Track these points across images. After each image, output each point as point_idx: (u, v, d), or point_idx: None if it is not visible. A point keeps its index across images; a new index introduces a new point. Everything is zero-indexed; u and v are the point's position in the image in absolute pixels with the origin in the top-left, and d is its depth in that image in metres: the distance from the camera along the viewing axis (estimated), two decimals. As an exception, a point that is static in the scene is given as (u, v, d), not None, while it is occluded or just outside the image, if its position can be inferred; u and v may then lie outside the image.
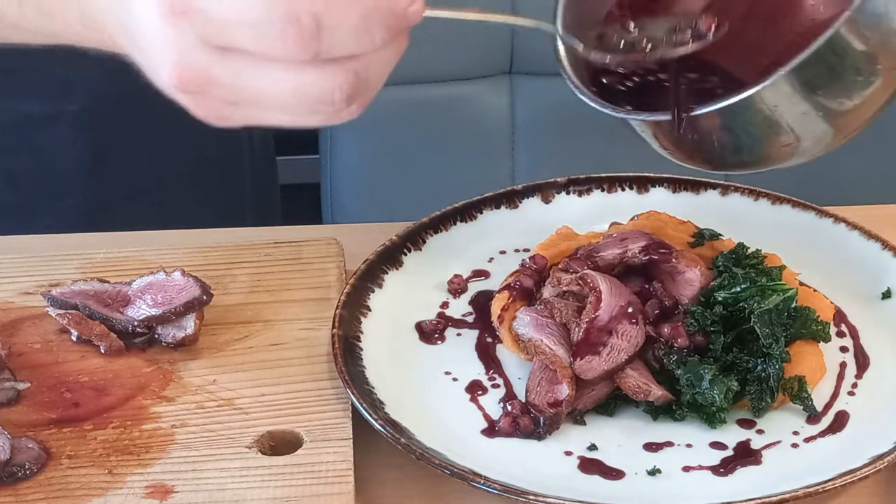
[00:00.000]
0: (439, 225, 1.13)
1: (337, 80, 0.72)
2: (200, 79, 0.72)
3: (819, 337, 0.99)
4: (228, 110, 0.74)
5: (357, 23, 0.71)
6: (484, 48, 1.64)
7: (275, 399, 0.95)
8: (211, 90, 0.73)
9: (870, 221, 1.11)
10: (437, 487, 0.90)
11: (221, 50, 0.71)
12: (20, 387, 0.95)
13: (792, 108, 0.83)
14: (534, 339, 0.98)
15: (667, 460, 0.92)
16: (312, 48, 0.70)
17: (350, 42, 0.72)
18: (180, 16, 0.71)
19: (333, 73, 0.72)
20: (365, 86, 0.74)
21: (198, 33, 0.71)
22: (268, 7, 0.70)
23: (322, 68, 0.72)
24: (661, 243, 1.03)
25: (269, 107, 0.74)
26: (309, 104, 0.73)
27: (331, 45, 0.71)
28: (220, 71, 0.72)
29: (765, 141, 0.87)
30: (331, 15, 0.70)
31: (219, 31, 0.70)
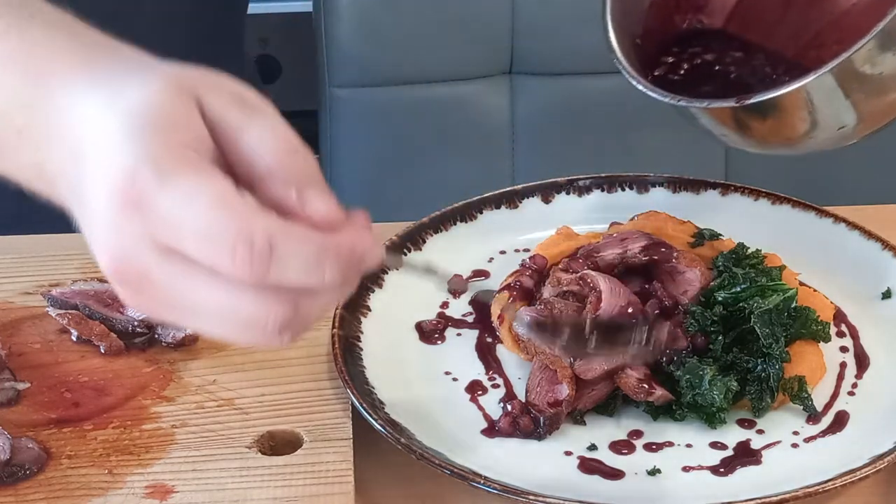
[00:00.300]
0: (439, 225, 1.13)
1: (273, 309, 0.68)
2: (137, 274, 0.68)
3: (819, 337, 0.99)
4: (160, 309, 0.71)
5: (311, 257, 0.67)
6: (484, 48, 1.64)
7: (275, 399, 0.95)
8: (145, 288, 0.69)
9: (870, 221, 1.11)
10: (437, 487, 0.90)
11: (165, 250, 0.67)
12: (20, 387, 0.95)
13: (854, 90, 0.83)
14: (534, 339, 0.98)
15: (667, 460, 0.92)
16: (259, 272, 0.66)
17: (299, 274, 0.67)
18: (132, 206, 0.66)
19: (272, 301, 0.68)
20: (300, 320, 0.70)
21: (146, 229, 0.67)
22: (223, 220, 0.66)
23: (262, 293, 0.68)
24: (661, 243, 1.04)
25: (201, 317, 0.70)
26: (241, 324, 0.69)
27: (279, 273, 0.67)
28: (158, 272, 0.68)
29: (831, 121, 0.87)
30: (287, 243, 0.66)
31: (168, 232, 0.67)
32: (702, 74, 0.94)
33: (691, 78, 0.94)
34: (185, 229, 0.66)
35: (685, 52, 0.97)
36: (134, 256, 0.68)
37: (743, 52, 0.95)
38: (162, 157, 0.67)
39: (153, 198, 0.66)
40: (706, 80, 0.93)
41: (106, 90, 0.71)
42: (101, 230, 0.69)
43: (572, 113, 1.67)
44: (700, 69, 0.94)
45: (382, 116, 1.66)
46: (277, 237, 0.66)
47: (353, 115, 1.65)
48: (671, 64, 0.95)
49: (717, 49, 0.96)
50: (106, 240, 0.68)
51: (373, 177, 1.67)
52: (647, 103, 1.76)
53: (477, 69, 1.65)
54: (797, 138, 0.89)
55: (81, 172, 0.70)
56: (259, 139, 0.70)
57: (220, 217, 0.66)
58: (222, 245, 0.65)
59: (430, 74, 1.64)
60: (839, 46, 0.82)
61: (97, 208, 0.68)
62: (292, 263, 0.66)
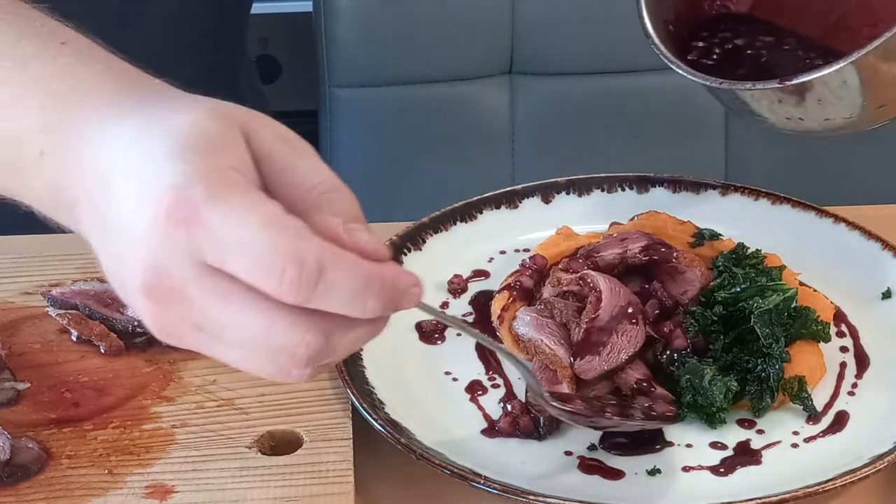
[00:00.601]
0: (439, 225, 1.13)
1: (307, 337, 0.68)
2: (171, 289, 0.67)
3: (819, 337, 0.99)
4: (186, 331, 0.69)
5: (357, 284, 0.67)
6: (484, 48, 1.64)
7: (275, 399, 0.95)
8: (176, 305, 0.68)
9: (870, 221, 1.11)
10: (437, 487, 0.90)
11: (206, 268, 0.67)
12: (20, 387, 0.95)
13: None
14: (534, 339, 0.98)
15: (667, 460, 0.92)
16: (305, 295, 0.66)
17: (342, 302, 0.67)
18: (179, 223, 0.66)
19: (308, 328, 0.67)
20: (327, 353, 0.69)
21: (190, 245, 0.66)
22: (275, 239, 0.65)
23: (299, 319, 0.67)
24: (661, 243, 1.04)
25: (228, 340, 0.69)
26: (270, 350, 0.68)
27: (323, 298, 0.66)
28: (194, 288, 0.67)
29: (872, 99, 0.88)
30: (335, 268, 0.66)
31: (215, 249, 0.66)
32: (734, 58, 0.95)
33: (724, 62, 0.95)
34: (234, 247, 0.65)
35: (715, 37, 0.97)
36: (172, 270, 0.67)
37: (771, 36, 0.96)
38: (212, 176, 0.66)
39: (203, 215, 0.65)
40: (739, 64, 0.94)
41: (140, 118, 0.70)
42: (137, 246, 0.67)
43: (572, 113, 1.67)
44: (732, 53, 0.95)
45: (382, 116, 1.66)
46: (327, 261, 0.66)
47: (353, 115, 1.65)
48: (703, 48, 0.95)
49: (745, 33, 0.96)
50: (141, 254, 0.67)
51: (373, 177, 1.67)
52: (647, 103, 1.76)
53: (477, 69, 1.65)
54: (836, 118, 0.89)
55: (112, 196, 0.69)
56: (305, 175, 0.69)
57: (272, 236, 0.65)
58: (272, 264, 0.65)
59: (430, 74, 1.64)
60: (870, 28, 0.83)
61: (133, 225, 0.67)
62: (338, 290, 0.66)
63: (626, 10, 1.54)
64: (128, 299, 0.71)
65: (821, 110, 0.89)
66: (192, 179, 0.66)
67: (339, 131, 1.66)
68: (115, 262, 0.70)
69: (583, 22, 1.63)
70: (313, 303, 0.66)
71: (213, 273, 0.66)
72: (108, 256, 0.71)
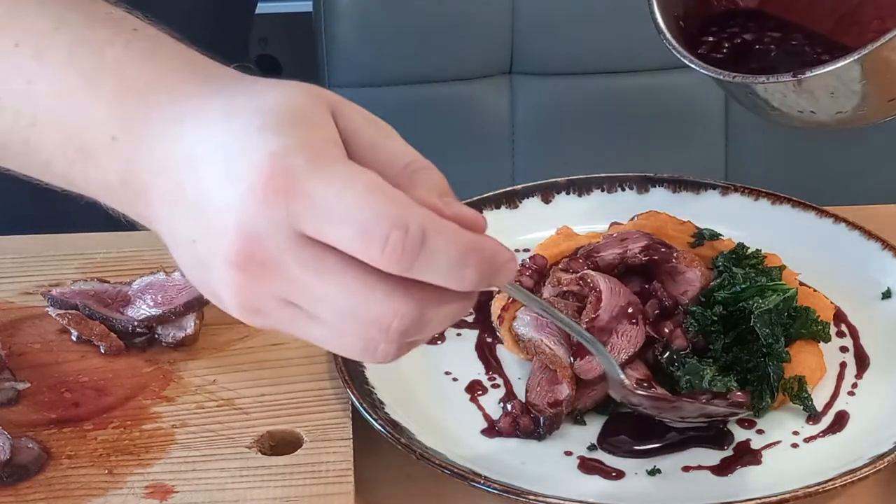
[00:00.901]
0: (439, 225, 1.13)
1: (403, 309, 0.67)
2: (266, 261, 0.66)
3: (819, 337, 0.99)
4: (271, 305, 0.68)
5: (458, 254, 0.66)
6: (484, 48, 1.64)
7: (275, 399, 0.95)
8: (268, 278, 0.67)
9: (870, 221, 1.11)
10: (437, 487, 0.90)
11: (304, 239, 0.66)
12: (20, 387, 0.95)
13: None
14: (534, 339, 0.98)
15: (667, 460, 0.92)
16: (407, 262, 0.65)
17: (441, 271, 0.66)
18: (279, 193, 0.65)
19: (404, 299, 0.66)
20: (419, 329, 0.68)
21: (289, 216, 0.65)
22: (381, 205, 0.64)
23: (396, 290, 0.66)
24: (661, 243, 1.04)
25: (320, 315, 0.68)
26: (362, 323, 0.67)
27: (424, 266, 0.65)
28: (290, 260, 0.66)
29: (883, 93, 0.88)
30: (437, 236, 0.65)
31: (316, 218, 0.65)
32: (743, 53, 0.95)
33: (734, 57, 0.95)
34: (337, 214, 0.64)
35: (724, 32, 0.98)
36: (268, 240, 0.66)
37: (780, 31, 0.96)
38: (310, 147, 0.66)
39: (304, 183, 0.65)
40: (749, 59, 0.95)
41: (225, 99, 0.70)
42: (229, 216, 0.66)
43: (572, 113, 1.67)
44: (741, 48, 0.96)
45: (382, 116, 1.65)
46: (430, 228, 0.65)
47: (353, 115, 1.65)
48: (713, 43, 0.96)
49: (754, 28, 0.97)
50: (240, 223, 0.66)
51: (373, 177, 1.67)
52: (647, 103, 1.76)
53: (477, 69, 1.65)
54: (848, 111, 0.90)
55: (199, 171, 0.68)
56: (395, 153, 0.70)
57: (376, 202, 0.65)
58: (376, 230, 0.64)
59: (430, 74, 1.64)
60: (880, 22, 0.84)
61: (228, 197, 0.66)
62: (439, 258, 0.65)
63: (626, 11, 1.55)
64: (209, 277, 0.69)
65: (833, 103, 0.89)
66: (291, 149, 0.65)
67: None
68: (199, 236, 0.69)
69: (583, 22, 1.63)
70: (414, 270, 0.65)
71: (310, 244, 0.66)
72: (186, 235, 0.70)
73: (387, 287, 0.66)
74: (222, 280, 0.68)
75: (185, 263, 0.71)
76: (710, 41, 0.96)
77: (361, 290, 0.66)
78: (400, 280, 0.66)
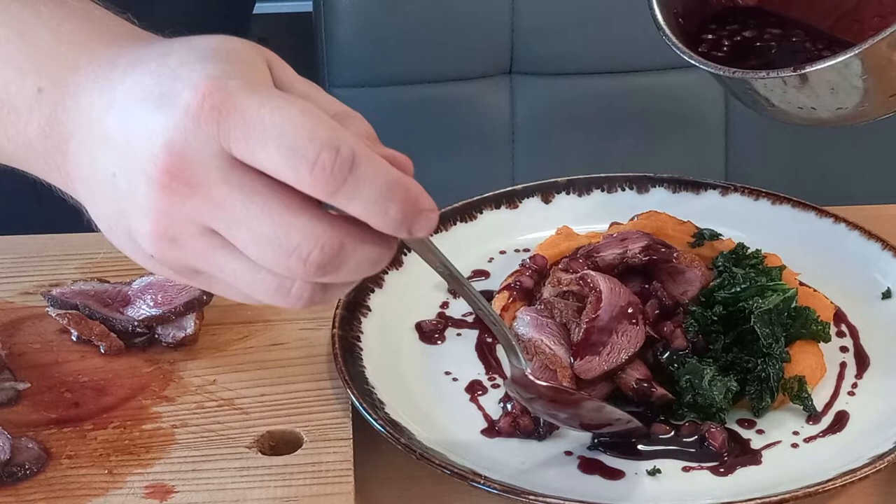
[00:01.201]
0: (439, 225, 1.12)
1: (322, 238, 0.67)
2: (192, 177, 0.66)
3: (819, 337, 0.99)
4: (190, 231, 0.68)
5: (384, 186, 0.66)
6: (484, 48, 1.64)
7: (275, 399, 0.95)
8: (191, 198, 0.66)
9: (870, 221, 1.11)
10: (437, 487, 0.90)
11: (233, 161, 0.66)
12: (20, 387, 0.95)
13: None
14: (534, 339, 0.98)
15: (667, 460, 0.92)
16: (336, 183, 0.65)
17: (366, 201, 0.66)
18: (213, 110, 0.65)
19: (325, 229, 0.67)
20: (336, 266, 0.68)
21: (221, 133, 0.65)
22: (313, 127, 0.65)
23: (319, 219, 0.67)
24: (661, 243, 1.04)
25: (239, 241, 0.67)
26: (281, 251, 0.67)
27: (350, 193, 0.65)
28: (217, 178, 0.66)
29: (884, 88, 0.88)
30: (367, 163, 0.66)
31: (247, 137, 0.65)
32: (744, 50, 0.95)
33: (734, 54, 0.95)
34: (269, 132, 0.65)
35: (724, 30, 0.98)
36: (197, 158, 0.66)
37: (780, 28, 0.96)
38: (247, 75, 0.67)
39: (239, 101, 0.65)
40: (749, 56, 0.95)
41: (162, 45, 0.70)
42: (162, 134, 0.66)
43: (572, 113, 1.67)
44: (741, 45, 0.96)
45: (382, 116, 1.65)
46: (361, 154, 0.66)
47: (353, 115, 1.65)
48: (712, 41, 0.96)
49: (754, 26, 0.97)
50: (168, 142, 0.66)
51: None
52: (647, 103, 1.76)
53: (477, 69, 1.65)
54: (849, 107, 0.89)
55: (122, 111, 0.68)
56: (324, 104, 0.70)
57: (310, 123, 0.65)
58: (307, 149, 0.64)
59: (430, 74, 1.64)
60: (880, 20, 0.83)
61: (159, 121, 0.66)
62: (366, 187, 0.66)
63: (626, 11, 1.55)
64: (126, 213, 0.69)
65: (833, 99, 0.89)
66: (229, 74, 0.66)
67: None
68: (120, 167, 0.68)
69: (583, 22, 1.63)
70: (339, 196, 0.66)
71: (237, 165, 0.66)
72: (106, 171, 0.69)
73: (311, 215, 0.66)
74: (141, 208, 0.68)
75: (103, 211, 0.70)
76: (710, 39, 0.96)
77: (285, 215, 0.66)
78: (324, 213, 0.67)
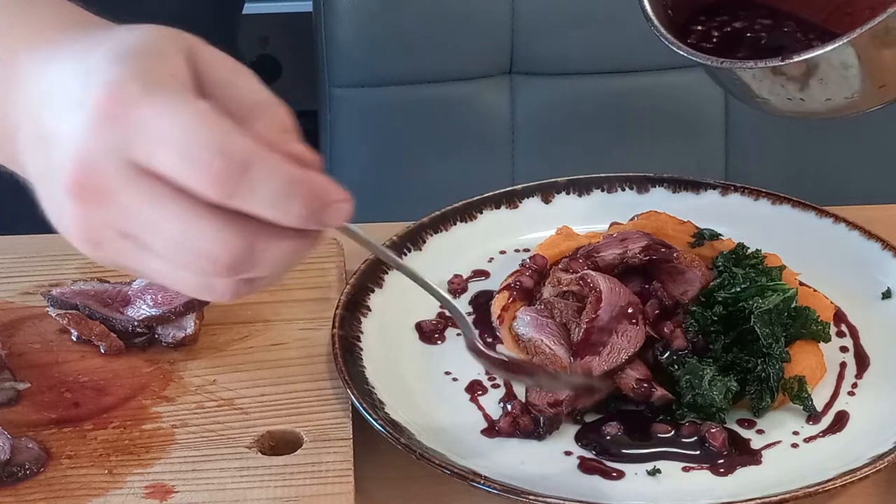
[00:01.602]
0: (439, 225, 1.13)
1: (230, 241, 0.68)
2: (99, 189, 0.68)
3: (819, 337, 0.99)
4: (108, 235, 0.70)
5: (282, 186, 0.67)
6: (484, 48, 1.64)
7: (275, 399, 0.95)
8: (103, 207, 0.68)
9: (870, 221, 1.11)
10: (437, 487, 0.90)
11: (136, 169, 0.67)
12: (20, 387, 0.95)
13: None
14: (534, 338, 0.98)
15: (667, 460, 0.92)
16: (230, 188, 0.66)
17: (266, 201, 0.67)
18: (111, 118, 0.67)
19: (232, 232, 0.68)
20: (251, 265, 0.69)
21: (121, 142, 0.67)
22: (205, 132, 0.66)
23: (225, 222, 0.67)
24: (661, 243, 1.04)
25: (152, 247, 0.69)
26: (193, 255, 0.68)
27: (247, 195, 0.67)
28: (121, 188, 0.68)
29: (873, 79, 0.88)
30: (262, 166, 0.67)
31: (145, 144, 0.67)
32: (734, 41, 0.95)
33: (724, 45, 0.95)
34: (164, 140, 0.66)
35: (714, 21, 0.97)
36: (101, 168, 0.67)
37: (771, 20, 0.96)
38: (147, 76, 0.68)
39: (137, 108, 0.67)
40: (739, 47, 0.94)
41: (89, 40, 0.72)
42: (71, 144, 0.68)
43: (572, 113, 1.67)
44: (731, 36, 0.95)
45: (382, 116, 1.66)
46: (255, 157, 0.67)
47: (353, 115, 1.65)
48: (702, 32, 0.95)
49: (744, 17, 0.97)
50: (76, 152, 0.68)
51: (373, 177, 1.67)
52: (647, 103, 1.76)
53: (477, 69, 1.65)
54: (838, 98, 0.89)
55: (51, 105, 0.70)
56: (244, 90, 0.71)
57: (202, 129, 0.66)
58: (199, 156, 0.66)
59: (430, 74, 1.64)
60: (871, 12, 0.83)
61: (70, 127, 0.68)
62: (263, 187, 0.67)
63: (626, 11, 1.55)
64: (59, 212, 0.71)
65: (822, 90, 0.89)
66: (128, 77, 0.67)
67: (339, 131, 1.66)
68: (46, 170, 0.70)
69: (583, 22, 1.62)
70: (237, 199, 0.67)
71: (143, 173, 0.67)
72: (38, 172, 0.71)
73: (216, 219, 0.67)
74: (65, 211, 0.70)
75: (45, 204, 0.72)
76: (700, 30, 0.96)
77: (190, 221, 0.67)
78: (231, 214, 0.67)
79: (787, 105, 0.91)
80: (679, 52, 0.92)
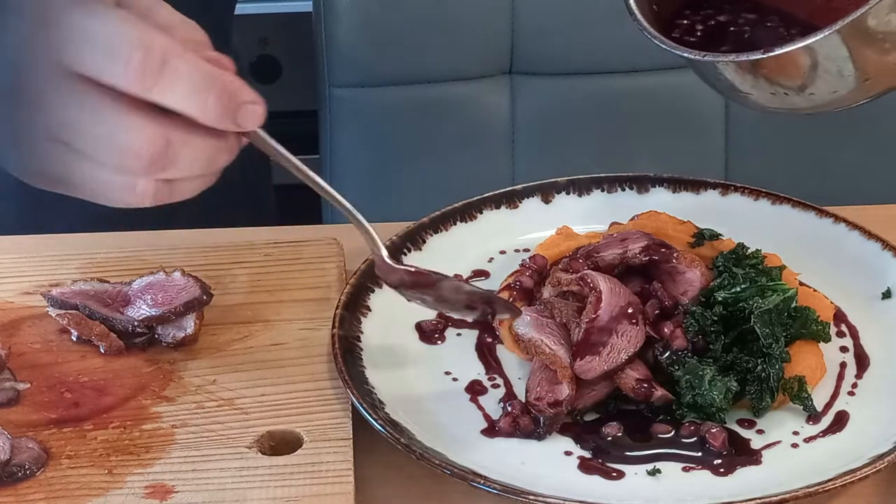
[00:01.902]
0: (439, 225, 1.13)
1: (152, 136, 0.75)
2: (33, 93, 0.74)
3: (819, 337, 0.99)
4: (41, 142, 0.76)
5: (198, 79, 0.74)
6: (484, 48, 1.64)
7: (275, 399, 0.95)
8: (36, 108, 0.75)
9: (870, 221, 1.11)
10: (437, 487, 0.90)
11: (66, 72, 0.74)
12: (20, 387, 0.95)
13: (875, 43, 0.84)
14: (534, 339, 0.98)
15: (667, 460, 0.92)
16: (149, 81, 0.73)
17: (183, 95, 0.75)
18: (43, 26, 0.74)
19: (153, 126, 0.75)
20: (172, 162, 0.76)
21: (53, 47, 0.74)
22: (126, 30, 0.73)
23: (147, 118, 0.75)
24: (661, 243, 1.04)
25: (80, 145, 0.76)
26: (117, 150, 0.75)
27: (165, 88, 0.74)
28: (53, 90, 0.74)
29: (857, 73, 0.88)
30: (178, 61, 0.74)
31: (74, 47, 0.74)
32: (718, 35, 0.95)
33: (708, 39, 0.95)
34: (90, 40, 0.73)
35: (698, 15, 0.97)
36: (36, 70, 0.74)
37: (755, 14, 0.96)
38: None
39: (66, 17, 0.73)
40: (723, 41, 0.94)
41: None
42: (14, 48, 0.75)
43: (572, 113, 1.67)
44: (715, 30, 0.95)
45: (382, 116, 1.66)
46: (173, 53, 0.74)
47: (353, 115, 1.65)
48: (686, 27, 0.95)
49: (728, 11, 0.96)
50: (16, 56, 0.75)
51: (373, 177, 1.67)
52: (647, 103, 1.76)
53: (477, 69, 1.65)
54: (822, 92, 0.89)
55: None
56: (167, 13, 0.78)
57: (124, 27, 0.73)
58: (120, 51, 0.73)
59: (430, 74, 1.64)
60: (856, 7, 0.83)
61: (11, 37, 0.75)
62: (181, 81, 0.74)
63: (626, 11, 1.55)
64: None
65: (805, 84, 0.88)
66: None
67: (339, 131, 1.66)
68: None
69: (583, 22, 1.63)
70: (156, 92, 0.74)
71: (72, 76, 0.74)
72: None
73: (138, 115, 0.75)
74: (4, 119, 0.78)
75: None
76: (685, 24, 0.96)
77: (114, 117, 0.74)
78: (152, 112, 0.75)
79: (771, 100, 0.91)
80: (661, 46, 0.92)
